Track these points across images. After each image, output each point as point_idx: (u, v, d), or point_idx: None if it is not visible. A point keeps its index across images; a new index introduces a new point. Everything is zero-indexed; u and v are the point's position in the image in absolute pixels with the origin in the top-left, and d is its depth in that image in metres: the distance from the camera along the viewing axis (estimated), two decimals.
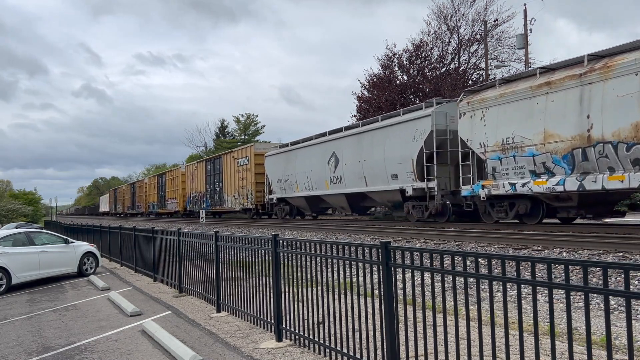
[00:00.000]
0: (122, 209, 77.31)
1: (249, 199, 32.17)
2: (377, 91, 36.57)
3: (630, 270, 2.90)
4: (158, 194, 55.31)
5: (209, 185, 39.22)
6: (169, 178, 51.00)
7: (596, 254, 9.44)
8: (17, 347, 7.46)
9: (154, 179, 58.70)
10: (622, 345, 5.38)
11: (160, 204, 54.35)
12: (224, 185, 36.05)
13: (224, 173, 36.11)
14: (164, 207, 52.60)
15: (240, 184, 33.18)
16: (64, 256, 15.08)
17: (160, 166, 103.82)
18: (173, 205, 48.87)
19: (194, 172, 42.89)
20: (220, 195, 37.06)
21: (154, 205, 57.00)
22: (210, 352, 6.33)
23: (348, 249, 5.29)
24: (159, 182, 55.16)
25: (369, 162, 21.27)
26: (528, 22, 28.55)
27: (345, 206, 24.12)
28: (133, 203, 68.59)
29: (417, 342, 4.47)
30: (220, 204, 37.16)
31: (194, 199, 43.05)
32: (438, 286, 8.34)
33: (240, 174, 33.08)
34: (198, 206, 40.97)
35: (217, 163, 37.93)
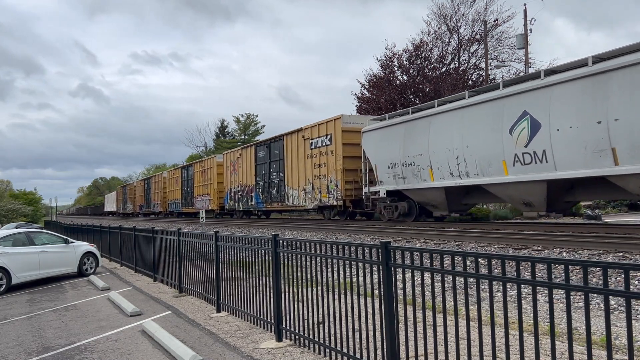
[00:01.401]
0: (133, 208, 69.02)
1: (332, 193, 23.20)
2: (376, 91, 36.60)
3: (630, 270, 2.90)
4: (182, 189, 46.54)
5: (261, 176, 30.43)
6: (198, 170, 42.38)
7: (596, 254, 9.44)
8: (17, 347, 7.46)
9: (176, 172, 49.68)
10: (622, 345, 5.38)
11: (185, 202, 45.82)
12: (286, 175, 27.22)
13: (287, 159, 27.26)
14: (191, 205, 44.09)
15: (315, 173, 24.47)
16: (64, 256, 15.09)
17: (160, 166, 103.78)
18: (204, 203, 40.43)
19: (236, 160, 34.01)
20: (280, 189, 28.19)
21: (176, 203, 48.34)
22: (210, 352, 6.33)
23: (348, 249, 5.29)
24: (183, 176, 46.41)
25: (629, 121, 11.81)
26: (528, 22, 28.58)
27: (541, 200, 14.85)
28: (148, 201, 60.24)
29: (417, 342, 4.47)
30: (280, 200, 28.27)
31: (236, 195, 34.03)
32: (438, 286, 8.34)
33: (316, 158, 24.29)
34: (243, 203, 32.92)
35: (274, 147, 28.98)
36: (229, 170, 35.35)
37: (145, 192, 61.68)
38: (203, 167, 41.26)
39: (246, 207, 32.53)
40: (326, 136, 23.66)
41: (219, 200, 37.85)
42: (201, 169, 41.67)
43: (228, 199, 35.73)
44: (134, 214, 68.79)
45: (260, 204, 30.39)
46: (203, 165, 41.43)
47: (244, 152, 33.09)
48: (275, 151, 28.73)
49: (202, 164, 41.97)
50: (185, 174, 45.95)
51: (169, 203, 51.22)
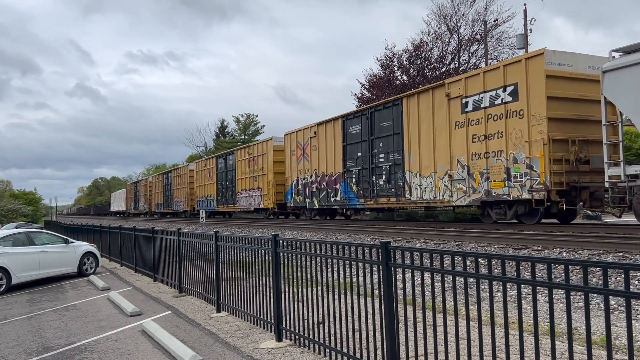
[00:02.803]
0: (147, 207, 60.05)
1: (517, 179, 14.81)
2: (377, 91, 36.59)
3: (630, 270, 2.90)
4: (219, 183, 38.23)
5: (354, 160, 21.85)
6: (243, 158, 33.59)
7: (596, 254, 9.44)
8: (17, 347, 7.46)
9: (208, 162, 40.90)
10: (622, 345, 5.38)
11: (223, 199, 37.43)
12: (408, 155, 18.84)
13: (408, 132, 18.79)
14: (232, 202, 35.66)
15: (473, 150, 16.06)
16: (64, 256, 15.09)
17: (160, 166, 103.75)
18: (251, 200, 32.19)
19: (308, 141, 25.55)
20: (393, 177, 19.67)
21: (209, 200, 39.90)
22: (210, 352, 6.33)
23: (348, 249, 5.29)
24: (220, 167, 37.92)
25: None
26: (528, 22, 28.58)
27: None
28: (167, 199, 51.91)
29: (417, 342, 4.47)
30: (393, 194, 19.55)
31: (307, 188, 25.66)
32: (438, 286, 8.34)
33: (476, 127, 15.94)
34: (320, 199, 24.67)
35: (382, 116, 20.18)
36: (295, 155, 26.56)
37: (165, 189, 53.00)
38: (251, 154, 32.14)
39: (327, 203, 23.92)
40: (503, 89, 15.07)
41: (277, 196, 29.25)
42: (248, 156, 32.53)
43: (293, 193, 26.94)
44: (149, 214, 60.62)
45: (354, 199, 21.80)
46: (251, 152, 32.28)
47: (323, 128, 24.08)
48: (384, 122, 20.01)
49: (249, 149, 32.80)
50: (223, 164, 37.08)
51: (198, 200, 42.39)
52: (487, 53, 32.54)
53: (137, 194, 66.68)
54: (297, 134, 26.60)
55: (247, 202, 32.81)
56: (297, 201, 26.76)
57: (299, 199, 26.43)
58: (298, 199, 26.59)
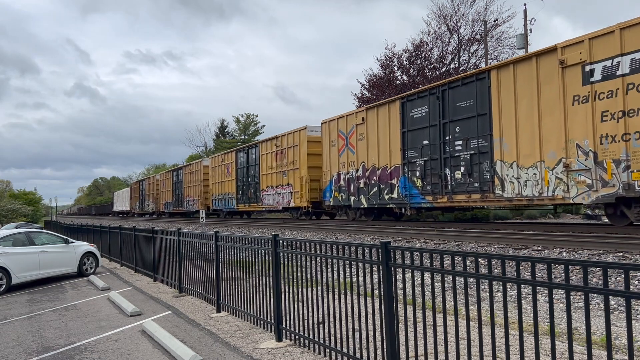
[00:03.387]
0: (155, 207, 56.18)
1: None
2: (377, 91, 36.60)
3: (630, 270, 2.90)
4: (238, 180, 33.90)
5: (417, 149, 18.16)
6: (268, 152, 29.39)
7: (596, 254, 9.44)
8: (17, 347, 7.46)
9: (226, 157, 36.20)
10: (622, 345, 5.38)
11: (243, 197, 33.17)
12: (497, 142, 15.15)
13: (499, 111, 15.12)
14: (254, 201, 31.44)
15: (603, 131, 12.52)
16: (63, 256, 15.09)
17: (160, 166, 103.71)
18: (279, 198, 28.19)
19: (354, 130, 21.69)
20: (477, 170, 15.78)
21: (227, 199, 35.74)
22: (210, 352, 6.33)
23: (348, 249, 5.29)
24: (240, 162, 33.65)
25: None
26: (528, 22, 28.59)
27: None
28: (178, 198, 47.64)
29: (417, 342, 4.47)
30: (478, 189, 15.66)
31: (351, 184, 21.91)
32: (438, 286, 8.35)
33: (614, 100, 12.31)
34: (368, 196, 20.71)
35: (453, 97, 16.71)
36: (336, 146, 23.07)
37: (174, 187, 49.11)
38: (279, 146, 28.09)
39: (378, 201, 20.13)
40: None
41: (311, 194, 25.34)
42: (275, 148, 28.58)
43: (332, 190, 23.32)
44: (157, 214, 56.95)
45: (417, 196, 18.19)
46: (279, 144, 28.13)
47: (374, 114, 20.26)
48: (462, 102, 16.33)
49: (276, 141, 28.46)
50: (244, 158, 33.07)
51: (213, 199, 38.82)
52: (487, 53, 32.55)
53: (142, 192, 62.74)
54: (339, 121, 22.76)
55: (273, 200, 28.71)
56: (338, 199, 22.96)
57: (341, 196, 22.69)
58: (339, 196, 22.76)
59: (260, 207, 30.92)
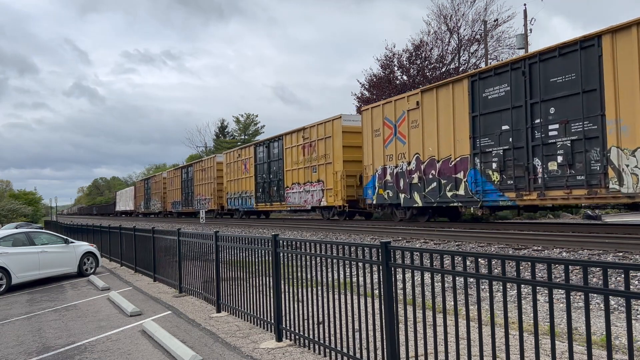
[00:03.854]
0: (162, 207, 53.15)
1: None
2: (377, 91, 36.60)
3: (630, 270, 2.90)
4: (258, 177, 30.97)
5: (493, 136, 15.44)
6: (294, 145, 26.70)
7: (596, 254, 9.44)
8: (17, 347, 7.46)
9: (244, 152, 33.17)
10: (622, 345, 5.38)
11: (263, 195, 30.17)
12: (611, 124, 12.24)
13: (611, 87, 12.26)
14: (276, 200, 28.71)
15: None
16: (63, 256, 15.09)
17: (160, 166, 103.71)
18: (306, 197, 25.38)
19: (403, 118, 19.00)
20: (576, 159, 13.14)
21: (245, 197, 32.64)
22: (210, 352, 6.33)
23: (348, 249, 5.29)
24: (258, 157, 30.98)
25: None
26: (528, 22, 28.59)
27: None
28: (187, 197, 44.55)
29: (417, 342, 4.47)
30: (591, 183, 12.66)
31: (400, 178, 19.07)
32: (438, 286, 8.35)
33: None
34: (423, 193, 17.96)
35: (545, 71, 13.84)
36: (381, 136, 20.07)
37: (183, 185, 45.96)
38: (308, 138, 25.30)
39: (439, 198, 17.15)
40: None
41: (347, 191, 22.58)
42: (303, 141, 25.71)
43: (376, 187, 20.28)
44: (164, 214, 54.14)
45: (493, 192, 15.40)
46: (308, 135, 25.32)
47: (432, 96, 17.37)
48: (559, 77, 13.52)
49: (304, 133, 25.61)
50: (265, 153, 29.99)
51: (229, 198, 35.55)
52: (487, 53, 32.56)
53: (148, 191, 59.48)
54: (384, 107, 19.92)
55: (300, 199, 25.75)
56: (383, 197, 19.93)
57: (387, 193, 19.66)
58: (385, 194, 19.73)
59: (284, 206, 27.85)
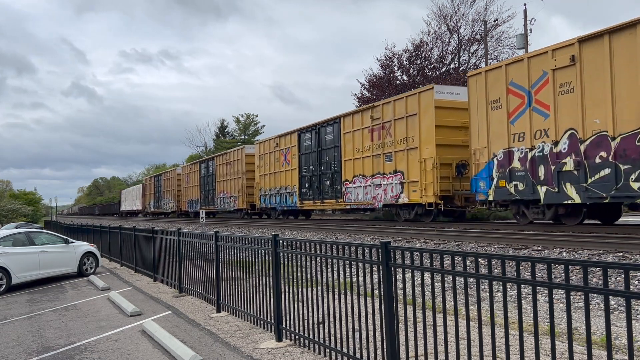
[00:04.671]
0: (176, 206, 48.47)
1: None
2: (377, 91, 36.61)
3: (630, 270, 2.90)
4: (300, 170, 26.65)
5: None
6: (356, 129, 22.22)
7: (596, 254, 9.44)
8: (17, 347, 7.46)
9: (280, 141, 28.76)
10: (622, 345, 5.38)
11: (307, 192, 26.07)
12: None
13: None
14: (330, 196, 24.32)
15: None
16: (64, 256, 15.09)
17: (160, 166, 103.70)
18: (374, 192, 21.08)
19: (542, 82, 14.19)
20: None
21: (284, 195, 28.20)
22: (210, 352, 6.33)
23: (348, 249, 5.29)
24: (303, 146, 26.39)
25: None
26: (528, 22, 28.59)
27: None
28: (208, 195, 39.79)
29: (417, 342, 4.47)
30: None
31: (542, 164, 14.22)
32: (438, 286, 8.35)
33: None
34: (593, 184, 12.70)
35: None
36: (502, 108, 15.44)
37: (202, 182, 40.99)
38: (379, 119, 20.49)
39: (611, 191, 12.46)
40: None
41: (441, 184, 18.00)
42: (371, 123, 20.96)
43: (493, 177, 15.80)
44: (178, 214, 48.91)
45: None
46: (377, 115, 20.62)
47: (600, 47, 12.65)
48: None
49: (372, 113, 20.95)
50: (313, 141, 25.06)
51: (262, 195, 31.01)
52: (487, 53, 32.55)
53: (159, 189, 54.71)
54: (509, 69, 15.17)
55: (365, 195, 21.14)
56: (506, 190, 15.30)
57: (515, 186, 15.01)
58: (511, 186, 15.11)
59: (341, 204, 23.25)
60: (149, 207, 59.69)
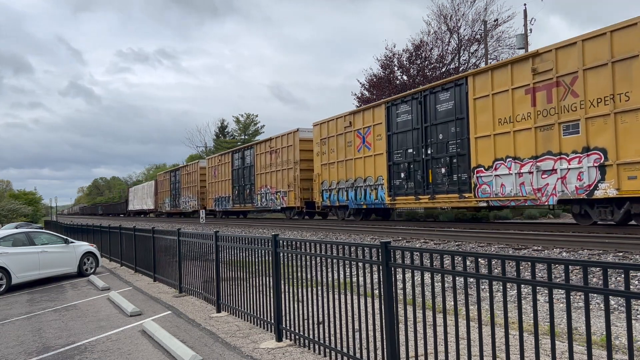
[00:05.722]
0: (197, 204, 42.00)
1: None
2: (377, 91, 36.62)
3: (630, 270, 2.90)
4: (390, 156, 20.12)
5: None
6: (509, 89, 14.91)
7: (596, 254, 9.44)
8: (17, 347, 7.46)
9: (356, 118, 22.42)
10: (622, 345, 5.38)
11: (403, 184, 19.43)
12: None
13: None
14: (463, 189, 16.77)
15: None
16: (64, 256, 15.09)
17: (160, 166, 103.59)
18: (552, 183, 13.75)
19: None
20: None
21: (367, 189, 21.30)
22: (210, 352, 6.33)
23: (348, 249, 5.29)
24: (393, 123, 19.89)
25: None
26: (528, 22, 28.59)
27: None
28: (243, 191, 33.15)
29: (417, 342, 4.47)
30: None
31: None
32: (438, 286, 8.35)
33: None
34: None
35: None
36: None
37: (236, 175, 34.45)
38: (548, 73, 13.99)
39: None
40: None
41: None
42: (527, 79, 14.61)
43: None
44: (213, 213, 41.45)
45: None
46: (547, 66, 13.95)
47: None
48: None
49: (535, 65, 14.36)
50: (415, 113, 18.94)
51: (325, 190, 24.23)
52: (487, 53, 32.56)
53: (176, 186, 48.46)
54: None
55: (516, 187, 15.00)
56: None
57: None
58: None
59: (470, 200, 16.76)
60: (163, 206, 53.22)
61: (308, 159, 26.28)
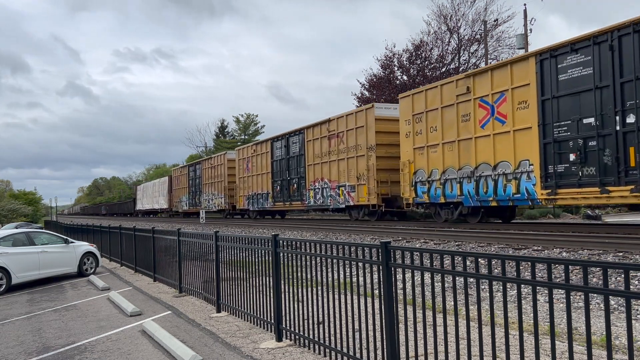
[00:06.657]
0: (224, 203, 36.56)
1: None
2: (377, 91, 36.63)
3: (630, 270, 2.90)
4: (543, 131, 13.70)
5: None
6: None
7: (596, 254, 9.44)
8: (17, 347, 7.46)
9: (481, 79, 15.82)
10: (622, 345, 5.38)
11: (591, 173, 12.34)
12: None
13: None
14: None
15: None
16: (64, 256, 15.09)
17: (160, 166, 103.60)
18: None
19: None
20: None
21: (509, 177, 14.75)
22: (210, 352, 6.33)
23: (348, 249, 5.29)
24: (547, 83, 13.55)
25: None
26: (528, 22, 28.59)
27: None
28: (286, 186, 27.60)
29: (417, 342, 4.47)
30: None
31: None
32: (438, 286, 8.35)
33: None
34: None
35: None
36: None
37: (276, 167, 28.98)
38: None
39: None
40: None
41: None
42: None
43: None
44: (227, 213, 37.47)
45: None
46: None
47: None
48: None
49: None
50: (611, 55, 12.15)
51: (420, 182, 18.45)
52: (487, 53, 32.56)
53: (196, 182, 42.49)
54: None
55: None
56: None
57: None
58: None
59: None
60: (179, 204, 46.71)
61: (387, 143, 20.90)
